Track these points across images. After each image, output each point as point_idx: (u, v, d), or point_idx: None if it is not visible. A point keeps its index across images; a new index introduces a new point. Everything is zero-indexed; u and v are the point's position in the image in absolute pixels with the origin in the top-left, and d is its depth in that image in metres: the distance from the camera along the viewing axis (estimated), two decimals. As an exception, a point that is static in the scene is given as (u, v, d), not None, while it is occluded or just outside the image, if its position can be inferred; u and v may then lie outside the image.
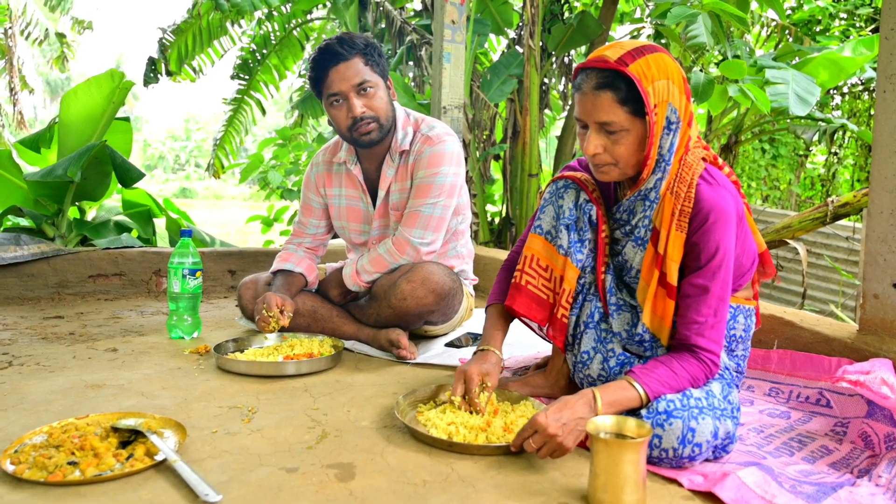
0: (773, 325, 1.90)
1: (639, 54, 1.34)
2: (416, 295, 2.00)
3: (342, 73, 1.99)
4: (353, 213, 2.27)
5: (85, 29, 10.83)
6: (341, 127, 2.07)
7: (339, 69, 1.99)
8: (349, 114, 2.01)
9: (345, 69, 1.99)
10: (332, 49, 1.99)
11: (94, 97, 3.54)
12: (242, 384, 1.78)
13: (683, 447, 1.25)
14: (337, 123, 2.07)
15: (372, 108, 2.03)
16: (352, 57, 2.00)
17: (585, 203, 1.55)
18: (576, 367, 1.58)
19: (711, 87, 4.12)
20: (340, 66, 1.99)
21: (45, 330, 2.37)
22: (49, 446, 1.26)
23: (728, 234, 1.36)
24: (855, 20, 6.82)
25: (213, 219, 18.38)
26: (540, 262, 1.58)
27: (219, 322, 2.58)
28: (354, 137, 2.06)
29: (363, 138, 2.05)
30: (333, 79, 2.00)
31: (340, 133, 2.11)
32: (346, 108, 2.02)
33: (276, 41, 6.32)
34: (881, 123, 1.71)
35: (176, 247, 2.24)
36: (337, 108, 2.04)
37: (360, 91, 2.01)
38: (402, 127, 2.15)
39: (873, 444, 1.43)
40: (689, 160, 1.40)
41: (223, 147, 6.83)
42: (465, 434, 1.39)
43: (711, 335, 1.36)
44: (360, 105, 2.01)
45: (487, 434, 1.39)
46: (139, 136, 37.82)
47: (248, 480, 1.20)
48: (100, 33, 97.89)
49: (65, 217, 3.54)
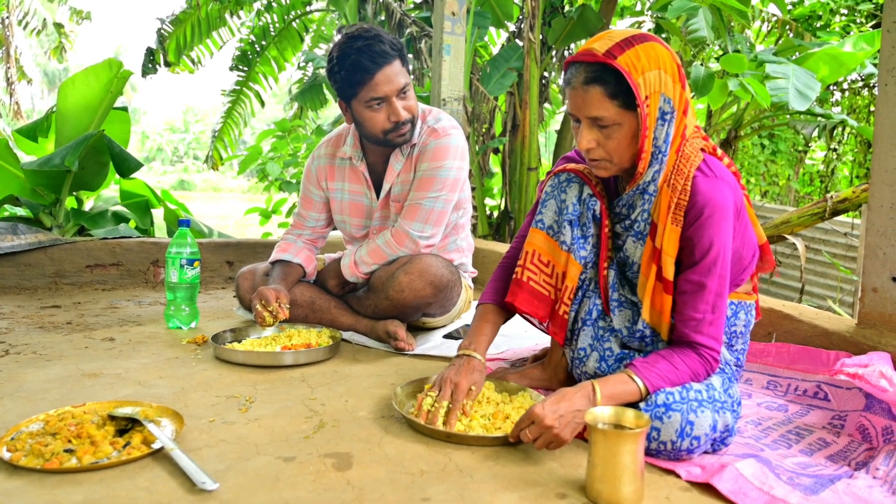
0: (772, 319, 1.90)
1: (628, 45, 1.31)
2: (415, 287, 2.00)
3: (389, 76, 1.90)
4: (355, 207, 2.25)
5: (83, 19, 10.78)
6: (376, 129, 1.98)
7: (387, 72, 1.90)
8: (391, 118, 1.95)
9: (391, 72, 1.91)
10: (378, 49, 1.89)
11: (92, 87, 3.52)
12: (240, 374, 1.77)
13: (682, 440, 1.25)
14: (371, 125, 1.98)
15: (410, 111, 1.99)
16: (395, 59, 1.92)
17: (589, 198, 1.52)
18: (573, 363, 1.57)
19: (711, 81, 4.12)
20: (387, 69, 1.90)
21: (42, 319, 2.36)
22: (46, 434, 1.26)
23: (724, 229, 1.34)
24: (856, 16, 6.80)
25: (212, 211, 18.36)
26: (542, 258, 1.55)
27: (217, 312, 2.57)
28: (388, 139, 2.00)
29: (398, 139, 2.01)
30: (380, 81, 1.90)
31: (370, 134, 2.02)
32: (388, 112, 1.95)
33: (275, 33, 6.30)
34: (882, 117, 1.70)
35: (174, 237, 2.23)
36: (377, 110, 1.95)
37: (400, 94, 1.95)
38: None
39: (871, 436, 1.43)
40: (687, 151, 1.37)
41: (222, 139, 6.82)
42: (479, 423, 1.39)
43: (710, 331, 1.35)
44: (402, 109, 1.95)
45: (489, 425, 1.40)
46: (137, 127, 37.73)
47: (245, 469, 1.20)
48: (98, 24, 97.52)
49: (62, 207, 3.53)
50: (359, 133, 2.11)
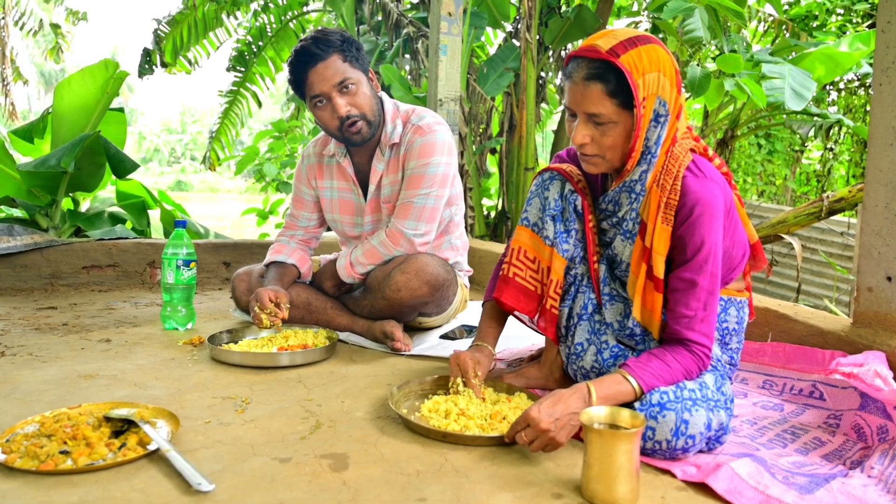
0: (768, 318, 1.91)
1: (631, 45, 1.33)
2: (411, 286, 2.00)
3: (321, 73, 1.94)
4: (344, 205, 2.26)
5: (80, 20, 10.75)
6: (330, 128, 2.04)
7: (318, 70, 1.94)
8: (335, 114, 1.98)
9: (323, 69, 1.94)
10: (308, 50, 1.94)
11: (88, 87, 3.51)
12: (236, 375, 1.77)
13: (677, 439, 1.26)
14: (324, 125, 2.04)
15: (357, 106, 1.99)
16: (329, 56, 1.94)
17: (570, 194, 1.55)
18: (569, 359, 1.58)
19: (708, 81, 4.12)
20: (319, 67, 1.94)
21: (38, 321, 2.35)
22: (41, 435, 1.26)
23: (714, 227, 1.35)
24: (852, 16, 6.82)
25: (209, 211, 18.33)
26: (527, 254, 1.59)
27: (213, 313, 2.57)
28: (345, 136, 2.03)
29: (354, 137, 2.02)
30: (313, 80, 1.95)
31: (329, 132, 2.08)
32: (331, 109, 1.98)
33: (272, 33, 6.30)
34: (876, 117, 1.70)
35: (170, 237, 2.23)
36: (321, 108, 2.00)
37: (342, 90, 1.97)
38: (391, 120, 2.12)
39: (866, 436, 1.43)
40: (677, 152, 1.39)
41: (219, 140, 6.81)
42: (475, 423, 1.40)
43: (702, 328, 1.36)
44: (344, 104, 1.97)
45: (486, 425, 1.40)
46: (134, 128, 37.69)
47: (241, 470, 1.20)
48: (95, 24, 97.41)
49: (58, 208, 3.52)
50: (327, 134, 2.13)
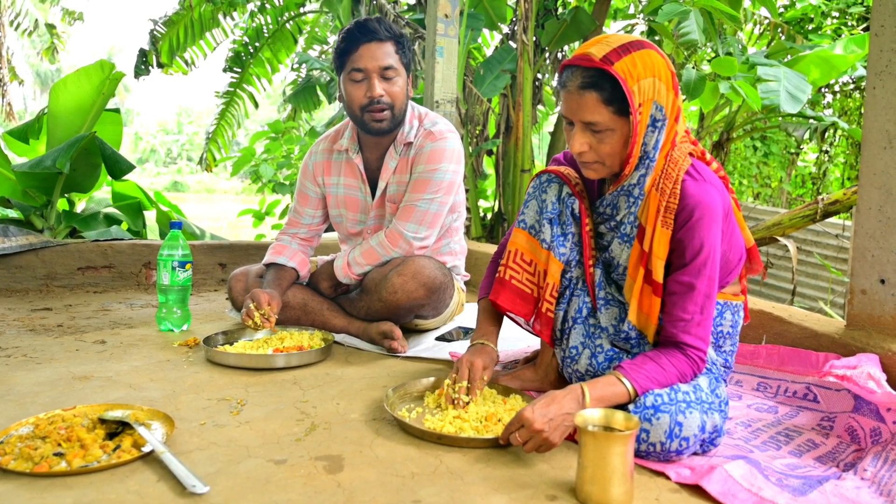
0: (762, 321, 1.91)
1: (625, 52, 1.33)
2: (407, 288, 2.00)
3: (373, 51, 1.99)
4: (351, 201, 2.26)
5: (75, 20, 10.72)
6: (354, 105, 2.05)
7: (371, 46, 2.00)
8: (367, 93, 2.01)
9: (376, 48, 2.00)
10: (370, 26, 2.00)
11: (84, 88, 3.51)
12: (231, 377, 1.77)
13: (671, 441, 1.26)
14: (351, 100, 2.05)
15: (391, 95, 2.03)
16: (386, 39, 2.01)
17: (568, 197, 1.55)
18: (564, 362, 1.58)
19: (703, 83, 4.13)
20: (373, 44, 2.00)
21: (32, 322, 2.35)
22: (35, 437, 1.26)
23: (713, 230, 1.36)
24: (847, 19, 6.85)
25: (205, 212, 18.29)
26: (524, 257, 1.58)
27: (209, 315, 2.57)
28: (365, 119, 2.05)
29: (374, 124, 2.04)
30: (363, 53, 1.99)
31: (351, 111, 2.08)
32: (366, 87, 2.01)
33: (268, 34, 6.29)
34: (870, 120, 1.71)
35: (166, 238, 2.23)
36: (356, 83, 2.03)
37: (383, 74, 2.01)
38: (409, 120, 2.16)
39: (859, 438, 1.44)
40: (676, 156, 1.39)
41: (215, 140, 6.80)
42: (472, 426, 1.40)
43: (698, 332, 1.36)
44: (379, 87, 2.00)
45: (482, 428, 1.40)
46: (130, 129, 37.60)
47: (236, 472, 1.20)
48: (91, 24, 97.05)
49: (54, 209, 3.52)
50: (347, 114, 2.15)
